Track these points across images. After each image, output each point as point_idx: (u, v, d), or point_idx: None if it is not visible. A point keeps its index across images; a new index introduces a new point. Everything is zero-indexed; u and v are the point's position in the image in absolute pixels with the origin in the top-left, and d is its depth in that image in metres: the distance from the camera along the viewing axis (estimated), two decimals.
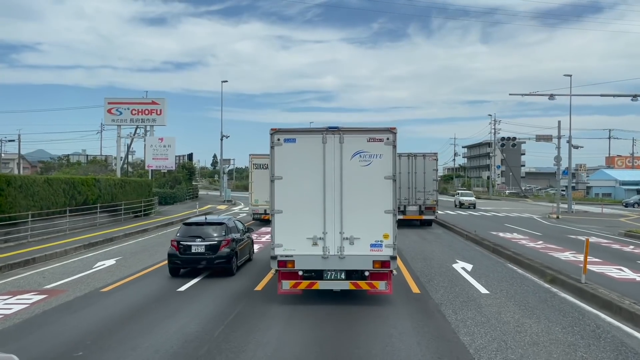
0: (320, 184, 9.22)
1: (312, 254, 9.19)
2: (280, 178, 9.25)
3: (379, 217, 9.13)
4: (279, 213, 9.24)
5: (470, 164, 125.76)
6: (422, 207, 25.05)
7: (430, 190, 25.06)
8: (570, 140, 38.62)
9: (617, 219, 35.68)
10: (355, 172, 9.20)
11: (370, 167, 9.20)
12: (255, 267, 13.80)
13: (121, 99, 43.84)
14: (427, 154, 25.41)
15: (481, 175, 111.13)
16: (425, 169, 24.95)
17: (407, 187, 24.90)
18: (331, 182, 9.21)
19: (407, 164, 24.80)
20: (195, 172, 53.10)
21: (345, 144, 9.25)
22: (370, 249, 9.15)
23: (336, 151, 9.24)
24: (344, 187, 9.19)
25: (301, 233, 9.20)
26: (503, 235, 22.27)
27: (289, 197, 9.25)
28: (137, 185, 29.77)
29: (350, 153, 9.22)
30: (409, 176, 24.97)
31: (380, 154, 9.18)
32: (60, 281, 11.89)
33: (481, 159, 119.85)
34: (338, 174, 9.21)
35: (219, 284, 11.54)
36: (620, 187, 72.73)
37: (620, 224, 31.72)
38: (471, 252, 16.91)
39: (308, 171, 9.28)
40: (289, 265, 9.24)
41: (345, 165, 9.21)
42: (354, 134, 9.31)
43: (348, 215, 9.18)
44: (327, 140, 9.27)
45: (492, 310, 9.19)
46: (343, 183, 9.19)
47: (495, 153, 76.21)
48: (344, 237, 9.17)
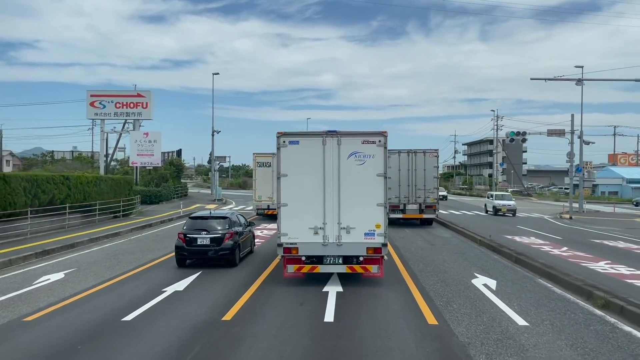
0: (320, 180, 10.46)
1: (313, 242, 10.46)
2: (285, 175, 10.49)
3: (372, 210, 10.38)
4: (284, 206, 10.48)
5: (471, 162, 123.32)
6: (423, 205, 24.03)
7: (430, 188, 23.99)
8: (581, 136, 36.14)
9: (632, 220, 33.33)
10: (351, 170, 10.45)
11: (364, 165, 10.46)
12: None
13: (105, 92, 41.32)
14: (428, 150, 24.24)
15: (482, 173, 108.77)
16: (426, 165, 23.84)
17: (406, 184, 23.93)
18: (330, 179, 10.46)
19: (406, 161, 23.87)
20: (184, 168, 50.30)
21: (342, 145, 10.53)
22: (364, 237, 10.43)
23: (334, 152, 10.50)
24: (341, 183, 10.44)
25: (304, 223, 10.43)
26: (520, 239, 19.81)
27: (293, 192, 10.46)
28: (115, 183, 27.21)
29: (346, 153, 10.48)
30: (409, 173, 23.95)
31: (373, 154, 10.49)
32: None
33: (482, 156, 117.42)
34: (336, 171, 10.46)
35: (176, 312, 9.05)
36: (627, 185, 70.40)
37: (638, 225, 29.36)
38: (490, 262, 14.44)
39: (310, 169, 10.49)
40: (293, 251, 10.51)
41: (342, 164, 10.47)
42: (350, 137, 10.54)
43: (345, 207, 10.44)
44: (327, 142, 10.53)
45: (541, 355, 6.72)
46: (340, 180, 10.45)
47: (498, 150, 73.68)
48: (341, 227, 10.44)
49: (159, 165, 40.53)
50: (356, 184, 10.44)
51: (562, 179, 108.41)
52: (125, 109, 40.39)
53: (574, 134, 33.78)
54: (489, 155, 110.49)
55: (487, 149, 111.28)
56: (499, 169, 74.59)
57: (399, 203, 24.11)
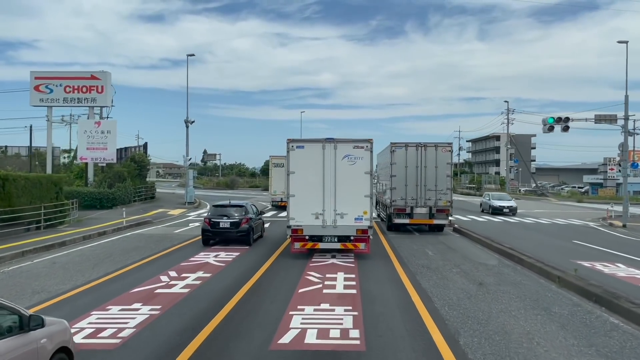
0: (320, 176, 13.82)
1: (314, 224, 13.80)
2: (293, 172, 13.94)
3: (360, 200, 13.68)
4: (292, 197, 13.94)
5: (476, 159, 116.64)
6: (433, 209, 20.11)
7: (443, 189, 20.00)
8: (626, 125, 29.13)
9: None
10: (345, 169, 13.80)
11: (354, 165, 13.80)
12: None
13: (52, 73, 34.36)
14: (440, 144, 20.49)
15: (488, 170, 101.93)
16: (438, 162, 19.99)
17: (414, 184, 20.09)
18: (328, 175, 13.81)
19: (415, 156, 20.10)
20: (148, 164, 42.78)
21: (337, 149, 13.91)
22: (355, 221, 13.71)
23: (331, 154, 13.88)
24: (337, 179, 13.77)
25: (307, 210, 13.77)
26: (610, 270, 12.98)
27: (299, 185, 13.88)
28: (32, 184, 20.28)
29: (341, 156, 13.85)
30: (418, 171, 20.03)
31: (362, 156, 13.82)
32: None
33: (487, 153, 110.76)
34: (333, 170, 13.81)
35: None
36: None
37: None
38: (612, 334, 7.59)
39: (312, 168, 13.87)
40: (299, 232, 13.91)
41: (337, 164, 13.82)
42: (344, 143, 13.96)
43: (339, 198, 13.72)
44: (326, 147, 13.95)
45: None
46: (336, 176, 13.78)
47: (509, 146, 66.80)
48: (336, 213, 13.73)
49: (113, 161, 33.39)
50: (348, 179, 13.85)
51: (572, 177, 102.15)
52: (77, 94, 33.45)
53: (627, 121, 26.93)
54: (496, 153, 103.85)
55: (493, 146, 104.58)
56: (511, 165, 67.77)
57: (405, 206, 20.15)
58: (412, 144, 20.19)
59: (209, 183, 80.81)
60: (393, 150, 20.26)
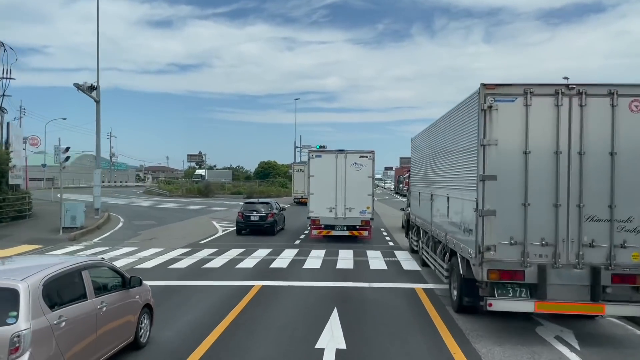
0: (334, 179, 18.23)
1: (329, 216, 18.36)
2: (313, 176, 18.50)
3: (364, 197, 18.29)
4: (312, 194, 18.53)
5: None
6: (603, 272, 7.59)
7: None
8: None
9: None
10: (352, 174, 18.24)
11: (360, 171, 18.27)
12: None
13: None
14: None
15: None
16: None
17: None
18: (340, 178, 18.24)
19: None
20: (9, 169, 24.74)
21: (347, 159, 18.35)
22: (360, 214, 18.31)
23: (342, 162, 18.29)
24: (346, 181, 18.26)
25: (323, 205, 18.29)
26: None
27: (317, 186, 18.37)
28: None
29: (350, 163, 18.29)
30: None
31: (366, 164, 18.34)
32: None
33: None
34: (343, 174, 18.25)
35: None
36: None
37: None
38: None
39: (327, 173, 18.26)
40: (316, 222, 18.54)
41: (347, 170, 18.26)
42: (352, 154, 18.42)
43: (348, 196, 18.22)
44: (338, 157, 18.38)
45: None
46: (346, 179, 18.26)
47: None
48: (346, 208, 18.28)
49: None
50: (355, 182, 18.18)
51: None
52: None
53: None
54: None
55: None
56: None
57: (522, 266, 6.47)
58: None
59: (177, 190, 64.21)
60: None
